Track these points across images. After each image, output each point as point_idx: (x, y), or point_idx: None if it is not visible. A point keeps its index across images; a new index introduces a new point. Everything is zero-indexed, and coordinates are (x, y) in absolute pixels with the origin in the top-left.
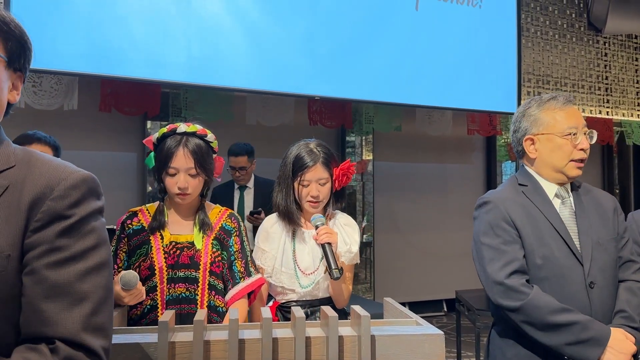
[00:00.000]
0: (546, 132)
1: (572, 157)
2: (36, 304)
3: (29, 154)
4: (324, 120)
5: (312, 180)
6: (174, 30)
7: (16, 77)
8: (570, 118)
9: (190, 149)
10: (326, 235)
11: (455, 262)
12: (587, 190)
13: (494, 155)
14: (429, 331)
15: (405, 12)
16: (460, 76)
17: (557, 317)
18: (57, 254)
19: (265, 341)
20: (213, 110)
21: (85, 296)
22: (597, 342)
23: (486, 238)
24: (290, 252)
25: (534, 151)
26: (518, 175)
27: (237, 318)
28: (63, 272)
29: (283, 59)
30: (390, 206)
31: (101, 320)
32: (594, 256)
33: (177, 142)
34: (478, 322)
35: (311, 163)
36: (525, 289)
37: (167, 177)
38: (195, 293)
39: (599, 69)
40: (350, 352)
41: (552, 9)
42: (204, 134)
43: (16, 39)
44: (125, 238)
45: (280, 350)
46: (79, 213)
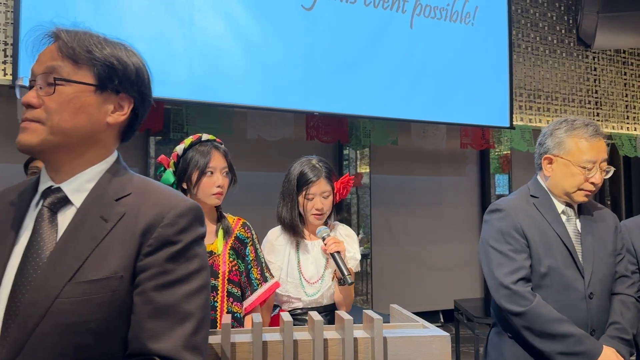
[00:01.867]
0: (565, 157)
1: (581, 187)
2: (144, 322)
3: (144, 183)
4: (321, 135)
5: (316, 193)
6: (177, 49)
7: (119, 98)
8: (592, 151)
9: (222, 151)
10: (335, 244)
11: (451, 273)
12: (592, 207)
13: (487, 168)
14: (436, 333)
15: (401, 31)
16: (453, 91)
17: (555, 327)
18: (165, 276)
19: (287, 342)
20: (214, 126)
21: (188, 316)
22: (589, 355)
23: (496, 243)
24: (295, 263)
25: (550, 170)
26: (530, 185)
27: (261, 321)
28: (170, 294)
29: (282, 75)
30: (387, 218)
31: (200, 340)
32: (595, 269)
33: (208, 146)
34: (477, 329)
35: (315, 178)
36: (530, 296)
37: (204, 179)
38: (215, 300)
39: (589, 83)
40: (363, 352)
41: (542, 25)
42: (220, 143)
43: (101, 62)
44: None
45: (300, 351)
46: (185, 239)
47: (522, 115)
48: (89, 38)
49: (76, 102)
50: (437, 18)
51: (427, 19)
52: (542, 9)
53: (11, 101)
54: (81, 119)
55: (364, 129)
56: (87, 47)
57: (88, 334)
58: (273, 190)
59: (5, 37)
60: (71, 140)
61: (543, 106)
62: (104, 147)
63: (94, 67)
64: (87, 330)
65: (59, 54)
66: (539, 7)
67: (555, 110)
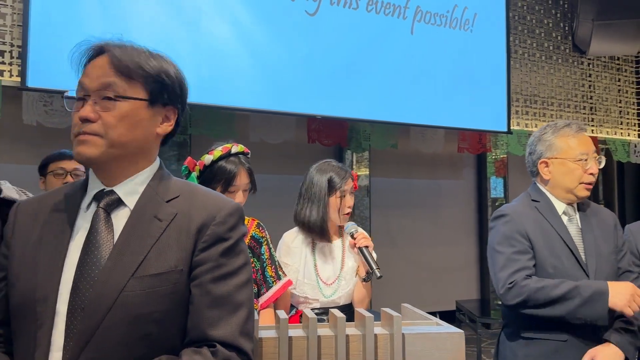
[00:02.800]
0: (560, 156)
1: (582, 180)
2: (203, 311)
3: (189, 186)
4: (322, 138)
5: (347, 190)
6: (182, 52)
7: (166, 110)
8: (582, 145)
9: (247, 168)
10: (364, 239)
11: (449, 275)
12: (591, 208)
13: (484, 172)
14: (451, 330)
15: (401, 36)
16: (452, 96)
17: (559, 290)
18: (220, 269)
19: (311, 338)
20: (217, 128)
21: (241, 306)
22: (599, 292)
23: (501, 247)
24: (311, 264)
25: (548, 173)
26: (531, 191)
27: (287, 318)
28: (225, 285)
29: (285, 79)
30: (386, 220)
31: (251, 327)
32: (598, 267)
33: (236, 163)
34: (479, 329)
35: (347, 176)
36: (524, 281)
37: (226, 195)
38: None
39: (584, 89)
40: (382, 348)
41: (539, 32)
42: (248, 153)
43: (152, 78)
44: None
45: (323, 346)
46: (234, 236)
47: (519, 120)
48: (137, 53)
49: (132, 117)
50: (437, 24)
51: (427, 25)
52: (538, 16)
53: (17, 103)
54: (137, 133)
55: (364, 133)
56: (139, 63)
57: (153, 324)
58: (274, 192)
59: (12, 39)
60: (128, 151)
61: (539, 111)
62: (151, 154)
63: (145, 83)
64: (152, 320)
65: (111, 70)
66: (536, 14)
67: (551, 115)
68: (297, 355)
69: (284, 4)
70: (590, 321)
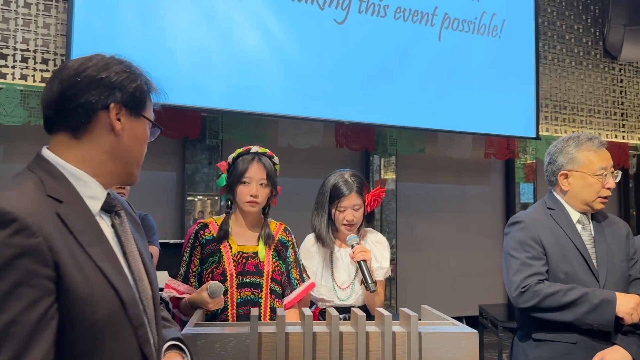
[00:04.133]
0: (580, 170)
1: (600, 194)
2: None
3: None
4: (350, 143)
5: (347, 207)
6: (215, 61)
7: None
8: (602, 160)
9: (263, 162)
10: (361, 253)
11: (474, 280)
12: (605, 217)
13: (512, 177)
14: (465, 330)
15: (429, 43)
16: (480, 102)
17: (569, 296)
18: None
19: (334, 334)
20: (247, 134)
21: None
22: (607, 301)
23: (515, 252)
24: (328, 269)
25: (567, 185)
26: (547, 199)
27: (311, 314)
28: None
29: (314, 86)
30: (411, 225)
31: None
32: (609, 274)
33: (251, 157)
34: (501, 333)
35: (347, 192)
36: (536, 286)
37: (241, 187)
38: (259, 297)
39: (615, 95)
40: (400, 345)
41: (569, 38)
42: (272, 156)
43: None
44: (199, 246)
45: (345, 342)
46: None
47: (548, 125)
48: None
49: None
50: (464, 31)
51: (455, 32)
52: (568, 22)
53: None
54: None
55: (391, 138)
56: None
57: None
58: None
59: (55, 48)
60: None
61: (569, 117)
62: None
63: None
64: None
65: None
66: (566, 19)
67: (581, 122)
68: (321, 349)
69: (313, 13)
70: (597, 327)
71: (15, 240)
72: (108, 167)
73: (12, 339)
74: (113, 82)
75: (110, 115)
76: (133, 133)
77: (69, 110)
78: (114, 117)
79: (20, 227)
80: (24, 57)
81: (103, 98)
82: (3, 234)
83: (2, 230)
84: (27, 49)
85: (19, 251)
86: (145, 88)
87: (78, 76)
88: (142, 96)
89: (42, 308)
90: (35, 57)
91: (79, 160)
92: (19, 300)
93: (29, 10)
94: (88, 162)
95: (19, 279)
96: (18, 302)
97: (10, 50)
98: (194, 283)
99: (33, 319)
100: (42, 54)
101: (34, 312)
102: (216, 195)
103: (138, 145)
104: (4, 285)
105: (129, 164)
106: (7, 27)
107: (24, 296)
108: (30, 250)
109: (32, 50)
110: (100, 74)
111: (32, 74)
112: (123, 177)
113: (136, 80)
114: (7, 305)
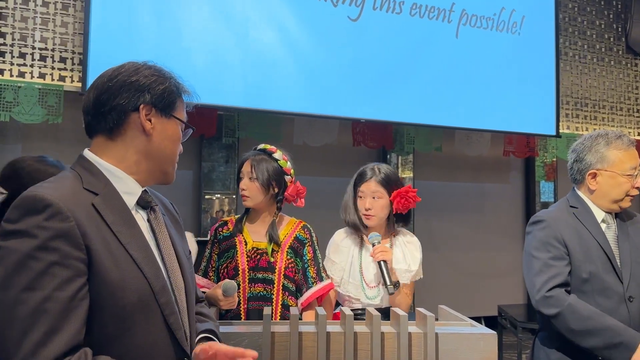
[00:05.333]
0: (610, 169)
1: (629, 193)
2: None
3: None
4: (367, 141)
5: (366, 192)
6: (232, 60)
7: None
8: (632, 159)
9: (252, 157)
10: (381, 253)
11: (493, 280)
12: (629, 216)
13: (532, 176)
14: (484, 331)
15: (446, 40)
16: (499, 99)
17: (592, 323)
18: None
19: (348, 334)
20: (263, 131)
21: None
22: (627, 346)
23: (537, 252)
24: (357, 265)
25: (595, 184)
26: (569, 197)
27: (325, 314)
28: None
29: (329, 84)
30: (429, 224)
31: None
32: (633, 274)
33: (248, 155)
34: (520, 334)
35: (368, 177)
36: (564, 296)
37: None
38: (271, 293)
39: (638, 92)
40: (417, 346)
41: (590, 34)
42: (272, 151)
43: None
44: (217, 242)
45: (359, 342)
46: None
47: (569, 123)
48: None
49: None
50: (483, 27)
51: (473, 29)
52: (590, 17)
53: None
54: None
55: (408, 136)
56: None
57: None
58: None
59: (73, 47)
60: None
61: (590, 114)
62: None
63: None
64: None
65: None
66: (587, 15)
67: (602, 119)
68: (335, 349)
69: (327, 10)
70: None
71: (50, 223)
72: (143, 166)
73: (46, 314)
74: (142, 85)
75: (140, 116)
76: (164, 133)
77: (103, 113)
78: (144, 118)
79: (54, 211)
80: (42, 55)
81: (133, 100)
82: (39, 218)
83: (38, 215)
84: (45, 47)
85: (53, 234)
86: (175, 90)
87: (110, 82)
88: (171, 97)
89: (75, 287)
90: (54, 56)
91: (116, 159)
92: (53, 279)
93: (47, 9)
94: (124, 161)
95: (53, 259)
96: (52, 281)
97: (29, 49)
98: (213, 277)
99: (66, 296)
100: (60, 52)
101: (67, 290)
102: (234, 193)
103: (171, 144)
104: (39, 265)
105: (163, 162)
106: (26, 26)
107: (57, 275)
108: (63, 233)
109: (50, 49)
110: (131, 78)
111: (50, 73)
112: (158, 175)
113: (164, 83)
114: (42, 284)
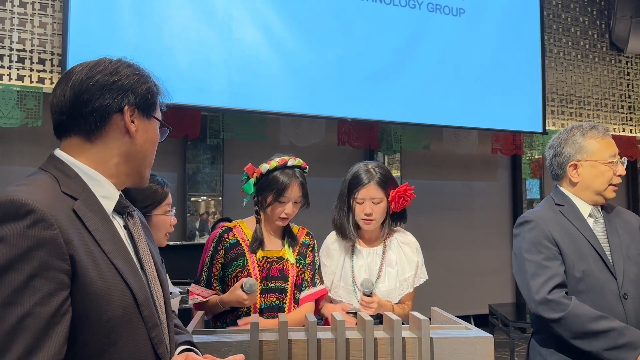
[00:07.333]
0: (590, 159)
1: (611, 182)
2: None
3: None
4: (352, 140)
5: (365, 198)
6: (215, 59)
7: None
8: (610, 147)
9: (300, 182)
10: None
11: (482, 278)
12: (615, 210)
13: (519, 173)
14: (480, 334)
15: (433, 38)
16: (485, 97)
17: (595, 325)
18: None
19: (339, 341)
20: (249, 132)
21: None
22: (632, 346)
23: (529, 254)
24: (349, 269)
25: (577, 176)
26: (554, 195)
27: (315, 321)
28: None
29: (316, 83)
30: (417, 223)
31: None
32: (626, 270)
33: (290, 175)
34: (512, 333)
35: (366, 181)
36: (566, 300)
37: (276, 204)
38: (283, 302)
39: (622, 88)
40: (410, 351)
41: (575, 30)
42: (305, 167)
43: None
44: (222, 250)
45: (352, 348)
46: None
47: (555, 120)
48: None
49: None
50: (469, 24)
51: (458, 26)
52: (574, 14)
53: None
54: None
55: (395, 135)
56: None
57: None
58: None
59: (52, 48)
60: None
61: (575, 111)
62: None
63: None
64: None
65: None
66: (571, 12)
67: (588, 115)
68: (326, 357)
69: (312, 7)
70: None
71: (33, 231)
72: (122, 168)
73: (25, 333)
74: (125, 85)
75: (124, 118)
76: (146, 134)
77: (83, 114)
78: (128, 120)
79: (38, 218)
80: (21, 57)
81: (117, 101)
82: (20, 224)
83: (19, 222)
84: (23, 49)
85: (35, 243)
86: (155, 89)
87: (90, 80)
88: (152, 98)
89: (57, 302)
90: (32, 57)
91: (93, 162)
92: (33, 293)
93: (25, 10)
94: (102, 164)
95: (34, 271)
96: (33, 295)
97: (7, 51)
98: (217, 287)
99: (47, 312)
100: (39, 53)
101: (48, 306)
102: (219, 195)
103: (151, 146)
104: (19, 277)
105: (142, 165)
106: (3, 27)
107: (38, 289)
108: (46, 242)
109: (29, 50)
110: (112, 78)
111: (29, 75)
112: (135, 178)
113: (146, 82)
114: (22, 299)
